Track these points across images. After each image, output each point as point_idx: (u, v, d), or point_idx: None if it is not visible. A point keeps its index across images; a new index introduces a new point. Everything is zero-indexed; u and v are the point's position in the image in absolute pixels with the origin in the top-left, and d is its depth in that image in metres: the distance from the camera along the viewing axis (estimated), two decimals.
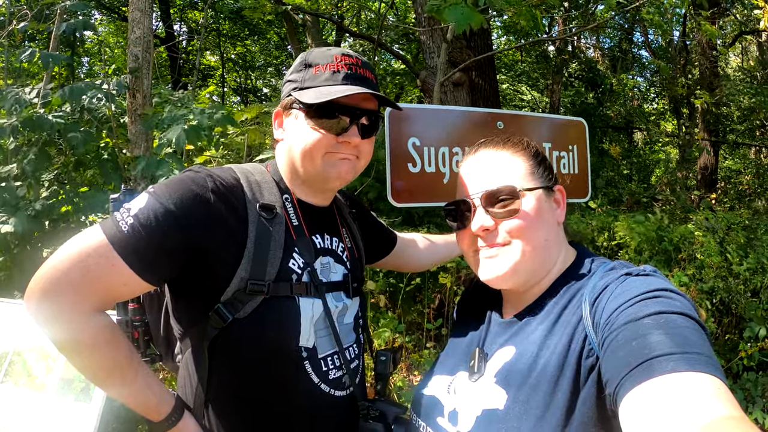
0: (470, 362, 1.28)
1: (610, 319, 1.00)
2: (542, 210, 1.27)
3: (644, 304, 0.98)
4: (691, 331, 0.90)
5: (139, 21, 3.75)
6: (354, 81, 1.41)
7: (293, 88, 1.44)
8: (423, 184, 2.25)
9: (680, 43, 14.23)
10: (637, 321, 0.94)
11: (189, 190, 1.29)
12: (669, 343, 0.87)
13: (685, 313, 0.94)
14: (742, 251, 4.74)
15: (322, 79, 1.40)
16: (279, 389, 1.37)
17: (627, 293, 1.02)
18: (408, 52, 13.06)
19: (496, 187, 1.26)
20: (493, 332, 1.32)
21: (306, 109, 1.39)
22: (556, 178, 1.35)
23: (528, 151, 1.34)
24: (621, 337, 0.94)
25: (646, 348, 0.88)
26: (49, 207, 3.19)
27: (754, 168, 14.29)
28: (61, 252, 1.22)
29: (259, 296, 1.32)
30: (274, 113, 1.50)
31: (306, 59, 1.45)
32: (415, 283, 4.52)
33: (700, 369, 0.82)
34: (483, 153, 1.35)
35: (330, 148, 1.41)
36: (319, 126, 1.39)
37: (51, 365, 2.06)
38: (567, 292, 1.20)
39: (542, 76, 15.47)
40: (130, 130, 3.76)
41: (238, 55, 17.47)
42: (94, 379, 1.31)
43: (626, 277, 1.09)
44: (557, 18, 11.43)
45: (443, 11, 3.18)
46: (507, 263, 1.24)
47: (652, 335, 0.90)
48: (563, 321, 1.15)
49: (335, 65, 1.41)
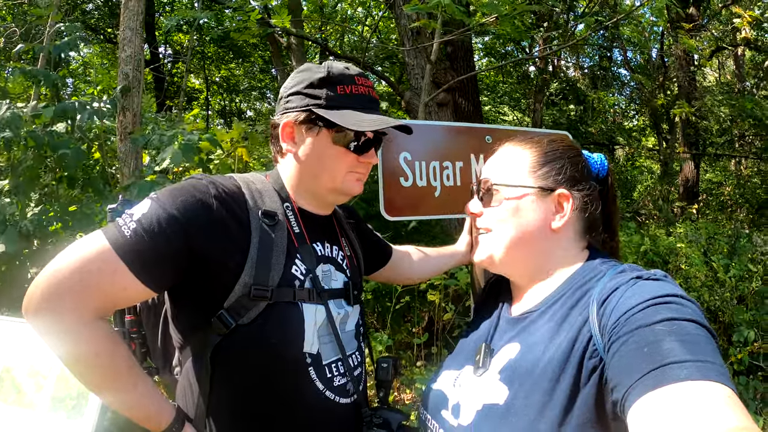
0: (476, 357, 1.29)
1: (619, 322, 0.99)
2: (520, 209, 1.29)
3: (655, 309, 0.97)
4: (702, 338, 0.91)
5: (129, 40, 3.75)
6: (373, 104, 1.48)
7: (315, 104, 1.42)
8: (415, 197, 2.27)
9: (658, 61, 14.54)
10: (648, 326, 0.94)
11: (192, 196, 1.29)
12: (682, 351, 0.87)
13: (696, 320, 0.94)
14: (725, 260, 4.83)
15: (349, 100, 1.43)
16: (283, 396, 1.35)
17: (637, 297, 1.02)
18: (391, 74, 13.20)
19: (482, 178, 1.37)
20: (501, 328, 1.33)
21: (333, 128, 1.42)
22: (567, 182, 1.30)
23: (538, 148, 1.34)
24: (632, 342, 0.94)
25: (658, 354, 0.88)
26: (38, 225, 3.16)
27: (735, 179, 14.58)
28: (61, 257, 1.21)
29: (262, 302, 1.31)
30: (283, 124, 1.47)
31: (327, 76, 1.43)
32: (404, 302, 4.52)
33: (713, 378, 0.83)
34: (503, 146, 1.41)
35: (352, 168, 1.47)
36: (346, 147, 1.44)
37: (41, 383, 2.02)
38: (576, 292, 1.20)
39: (524, 96, 15.70)
40: (119, 149, 3.74)
41: (223, 78, 17.52)
42: (93, 386, 1.29)
43: (637, 280, 1.08)
44: (537, 39, 11.62)
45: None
46: (484, 249, 1.36)
47: (664, 342, 0.90)
48: (571, 321, 1.14)
49: (359, 87, 1.45)
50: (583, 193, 1.30)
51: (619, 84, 16.84)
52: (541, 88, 13.01)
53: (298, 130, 1.46)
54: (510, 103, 16.60)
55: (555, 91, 14.92)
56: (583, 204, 1.30)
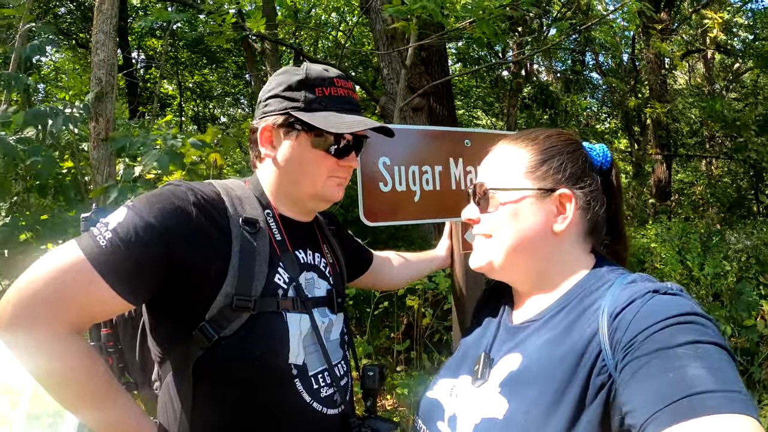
0: (475, 366, 1.23)
1: (636, 341, 0.94)
2: (519, 213, 1.21)
3: (677, 329, 0.92)
4: (727, 364, 0.88)
5: (103, 43, 3.68)
6: (353, 106, 1.45)
7: (294, 107, 1.40)
8: (394, 203, 2.26)
9: (630, 64, 14.81)
10: (671, 349, 0.89)
11: (170, 203, 1.25)
12: (710, 379, 0.84)
13: (718, 343, 0.90)
14: (699, 259, 4.93)
15: (328, 104, 1.41)
16: (270, 410, 1.31)
17: (655, 314, 0.96)
18: (366, 79, 13.24)
19: (477, 182, 1.28)
20: (502, 337, 1.27)
21: (313, 132, 1.39)
22: (567, 180, 1.22)
23: (534, 146, 1.25)
24: (654, 365, 0.89)
25: (684, 382, 0.84)
26: (9, 235, 3.08)
27: (706, 179, 14.91)
28: (34, 269, 1.16)
29: (245, 313, 1.27)
30: (261, 128, 1.44)
31: (306, 78, 1.41)
32: (383, 307, 4.51)
33: (741, 410, 0.81)
34: (497, 146, 1.32)
35: (332, 172, 1.44)
36: (326, 150, 1.41)
37: (15, 400, 1.97)
38: (582, 302, 1.13)
39: (497, 100, 15.86)
40: (92, 155, 3.65)
41: (196, 83, 17.38)
42: (68, 405, 1.24)
43: (654, 294, 1.01)
44: (511, 44, 11.76)
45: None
46: (483, 254, 1.27)
47: (690, 368, 0.86)
48: (576, 332, 1.08)
49: (337, 89, 1.42)
50: (585, 191, 1.22)
51: (592, 87, 17.13)
52: (515, 92, 13.16)
53: (277, 133, 1.44)
54: (483, 107, 16.77)
55: (528, 95, 15.10)
56: (587, 203, 1.22)
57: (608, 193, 1.30)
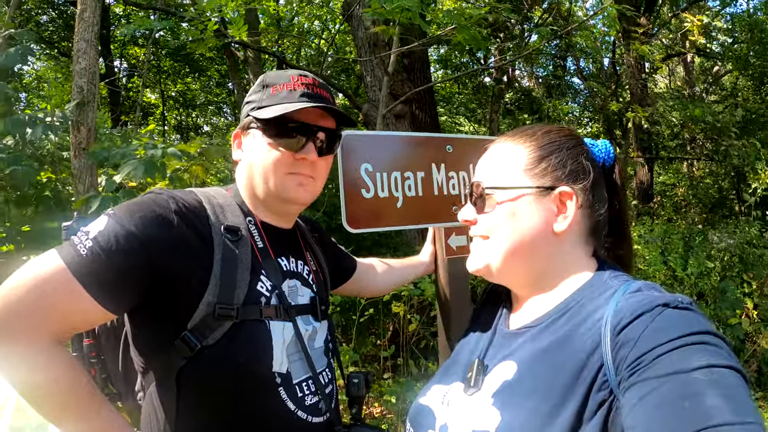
0: (468, 373, 1.17)
1: (643, 360, 0.88)
2: (518, 213, 1.15)
3: (690, 350, 0.86)
4: (742, 391, 0.82)
5: (84, 51, 3.65)
6: (311, 98, 1.42)
7: (251, 108, 1.45)
8: (377, 209, 2.26)
9: (610, 69, 14.96)
10: (685, 374, 0.83)
11: (151, 211, 1.24)
12: (727, 410, 0.78)
13: (733, 366, 0.85)
14: (682, 259, 4.99)
15: (280, 98, 1.41)
16: (254, 419, 1.30)
17: (665, 332, 0.89)
18: (348, 86, 13.26)
19: (474, 182, 1.23)
20: (497, 343, 1.21)
21: (263, 127, 1.41)
22: (568, 177, 1.16)
23: (532, 142, 1.19)
24: (666, 390, 0.83)
25: (700, 413, 0.79)
26: None
27: (687, 181, 15.08)
28: (14, 279, 1.15)
29: (227, 321, 1.26)
30: (233, 134, 1.50)
31: (264, 80, 1.47)
32: (369, 314, 4.51)
33: None
34: (494, 143, 1.26)
35: (288, 167, 1.42)
36: (276, 143, 1.40)
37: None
38: (582, 309, 1.07)
39: (480, 106, 15.93)
40: (73, 165, 3.62)
41: (179, 92, 17.30)
42: (51, 417, 1.21)
43: (663, 308, 0.94)
44: (493, 50, 11.83)
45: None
46: (481, 257, 1.21)
47: (706, 397, 0.80)
48: (576, 342, 1.01)
49: (292, 84, 1.43)
50: (587, 189, 1.16)
51: (573, 92, 17.26)
52: (497, 98, 13.23)
53: (243, 137, 1.49)
54: (466, 113, 16.83)
55: (510, 100, 15.20)
56: (588, 201, 1.16)
57: (611, 191, 1.25)
